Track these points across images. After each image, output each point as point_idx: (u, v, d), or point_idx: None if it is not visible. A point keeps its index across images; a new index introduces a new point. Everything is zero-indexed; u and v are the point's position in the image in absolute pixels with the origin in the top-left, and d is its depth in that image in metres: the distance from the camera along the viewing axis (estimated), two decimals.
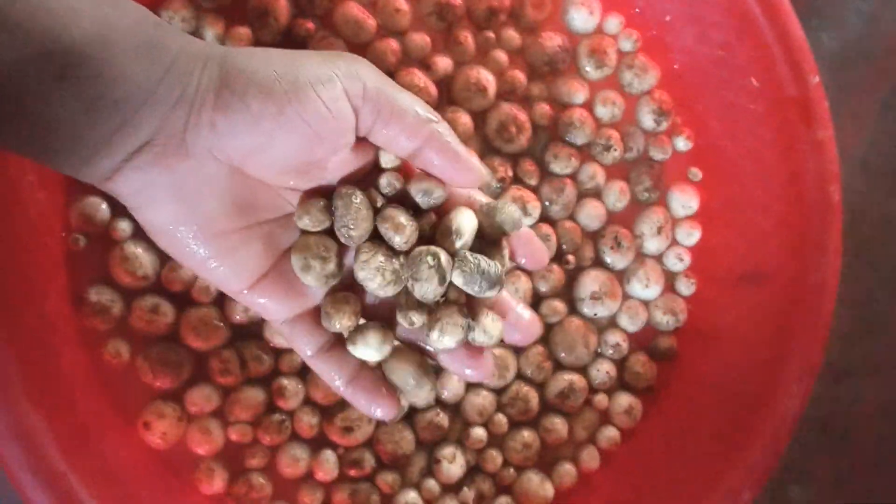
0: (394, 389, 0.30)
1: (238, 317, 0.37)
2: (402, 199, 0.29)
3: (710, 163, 0.41)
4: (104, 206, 0.36)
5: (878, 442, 0.49)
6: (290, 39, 0.38)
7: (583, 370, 0.41)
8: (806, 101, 0.38)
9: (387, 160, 0.29)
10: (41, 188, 0.35)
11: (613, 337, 0.41)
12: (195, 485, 0.37)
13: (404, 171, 0.29)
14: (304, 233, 0.28)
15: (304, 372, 0.38)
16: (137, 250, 0.36)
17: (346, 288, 0.29)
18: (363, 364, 0.30)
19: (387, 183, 0.28)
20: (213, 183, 0.26)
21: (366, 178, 0.29)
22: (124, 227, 0.37)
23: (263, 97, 0.24)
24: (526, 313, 0.31)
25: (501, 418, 0.39)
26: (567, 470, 0.40)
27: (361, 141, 0.27)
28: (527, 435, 0.39)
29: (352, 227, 0.27)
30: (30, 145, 0.24)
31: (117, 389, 0.37)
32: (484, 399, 0.39)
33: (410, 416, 0.39)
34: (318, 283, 0.28)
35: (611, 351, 0.41)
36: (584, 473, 0.41)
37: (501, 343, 0.39)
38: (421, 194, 0.28)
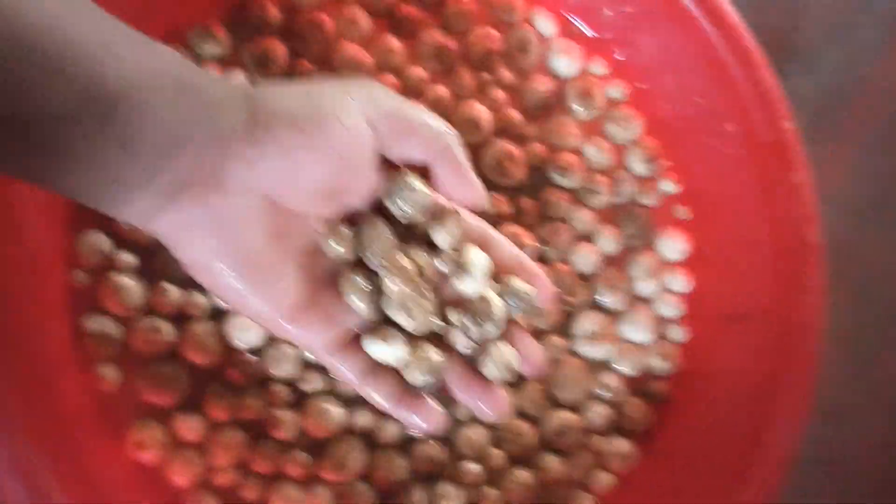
0: (437, 403, 0.31)
1: (238, 342, 0.38)
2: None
3: (695, 207, 0.43)
4: (105, 238, 0.37)
5: (880, 480, 0.49)
6: (292, 80, 0.39)
7: (579, 410, 0.41)
8: (780, 145, 0.39)
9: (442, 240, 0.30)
10: (44, 225, 0.36)
11: (609, 380, 0.41)
12: None
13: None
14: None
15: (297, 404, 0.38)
16: (126, 281, 0.37)
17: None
18: (407, 385, 0.30)
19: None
20: (250, 214, 0.27)
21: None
22: (127, 258, 0.38)
23: (291, 129, 0.26)
24: (535, 346, 0.32)
25: (498, 453, 0.39)
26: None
27: (382, 162, 0.29)
28: (524, 475, 0.39)
29: (376, 253, 0.29)
30: (71, 185, 0.25)
31: (118, 421, 0.37)
32: (474, 433, 0.39)
33: (405, 445, 0.39)
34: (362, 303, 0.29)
35: (606, 393, 0.41)
36: None
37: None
38: (513, 299, 0.30)
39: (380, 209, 0.29)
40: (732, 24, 0.39)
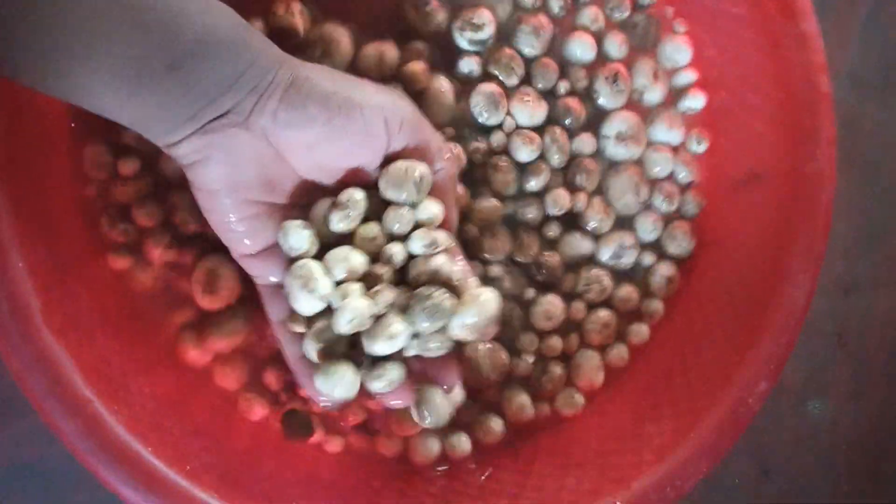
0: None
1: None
2: None
3: (701, 73, 0.42)
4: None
5: (893, 352, 0.49)
6: None
7: (631, 221, 0.42)
8: None
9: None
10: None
11: (667, 187, 0.42)
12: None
13: None
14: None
15: None
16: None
17: None
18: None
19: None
20: (257, 158, 0.30)
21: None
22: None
23: (320, 105, 0.30)
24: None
25: (579, 305, 0.41)
26: (619, 351, 0.42)
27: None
28: (603, 315, 0.41)
29: None
30: (136, 118, 0.29)
31: (144, 315, 0.38)
32: (551, 304, 0.40)
33: None
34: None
35: (663, 202, 0.42)
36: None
37: None
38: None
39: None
40: None
